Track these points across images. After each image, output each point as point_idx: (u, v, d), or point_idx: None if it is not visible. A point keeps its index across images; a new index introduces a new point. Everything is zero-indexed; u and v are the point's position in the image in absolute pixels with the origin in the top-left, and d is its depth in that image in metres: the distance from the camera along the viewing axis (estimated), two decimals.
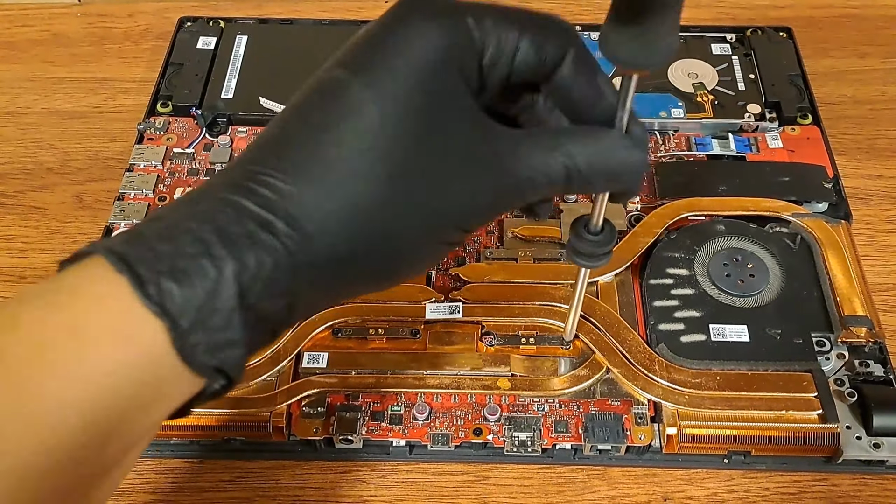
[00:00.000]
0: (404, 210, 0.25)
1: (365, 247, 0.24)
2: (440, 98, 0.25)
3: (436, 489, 0.37)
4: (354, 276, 0.26)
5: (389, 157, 0.24)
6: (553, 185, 0.26)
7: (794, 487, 0.37)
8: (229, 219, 0.23)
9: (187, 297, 0.22)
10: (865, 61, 0.55)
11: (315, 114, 0.25)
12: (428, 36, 0.25)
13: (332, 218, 0.24)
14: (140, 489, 0.37)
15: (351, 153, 0.24)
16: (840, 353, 0.39)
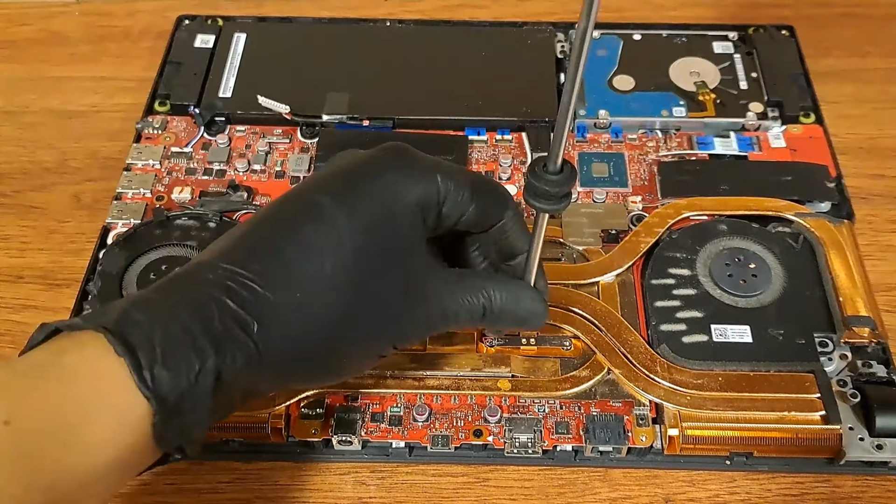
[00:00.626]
0: (355, 327, 0.29)
1: (318, 352, 0.29)
2: (402, 237, 0.30)
3: (436, 491, 0.37)
4: (304, 374, 0.30)
5: (353, 280, 0.28)
6: (472, 319, 0.32)
7: (797, 489, 0.37)
8: (213, 315, 0.27)
9: (174, 385, 0.26)
10: (868, 60, 0.55)
11: (295, 229, 0.28)
12: (404, 182, 0.30)
13: (295, 325, 0.28)
14: (138, 490, 0.37)
15: (322, 271, 0.28)
16: (843, 353, 0.38)
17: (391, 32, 0.54)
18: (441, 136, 0.48)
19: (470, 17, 0.57)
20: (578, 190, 0.45)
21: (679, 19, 0.56)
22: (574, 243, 0.43)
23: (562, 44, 0.53)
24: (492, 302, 0.32)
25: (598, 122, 0.48)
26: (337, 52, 0.52)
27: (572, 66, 0.27)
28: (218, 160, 0.47)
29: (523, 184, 0.30)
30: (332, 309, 0.28)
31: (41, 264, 0.45)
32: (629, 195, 0.45)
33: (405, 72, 0.51)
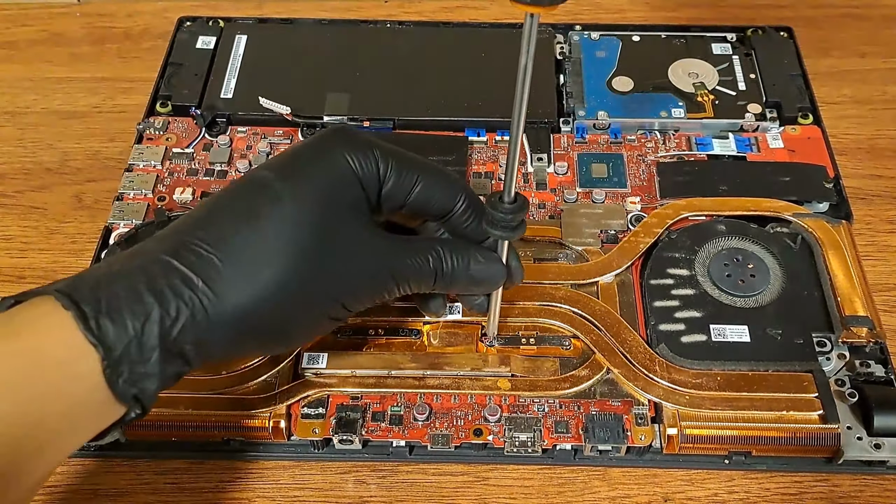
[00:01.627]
0: (300, 288, 0.30)
1: (265, 313, 0.30)
2: (343, 206, 0.32)
3: (436, 490, 0.37)
4: (254, 337, 0.31)
5: (296, 245, 0.30)
6: (423, 282, 0.34)
7: (795, 488, 0.37)
8: (158, 274, 0.29)
9: (119, 334, 0.27)
10: (866, 61, 0.55)
11: (242, 202, 0.31)
12: (340, 158, 0.32)
13: (241, 285, 0.29)
14: (140, 489, 0.37)
15: (267, 237, 0.30)
16: (841, 353, 0.39)
17: (391, 34, 0.54)
18: (441, 136, 0.48)
19: (470, 19, 0.57)
20: (578, 190, 0.46)
21: (678, 21, 0.56)
22: (573, 243, 0.43)
23: (561, 45, 0.53)
24: (443, 263, 0.34)
25: (597, 122, 0.48)
26: (337, 54, 0.52)
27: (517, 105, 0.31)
28: (219, 161, 0.47)
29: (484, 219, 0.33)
30: (277, 273, 0.30)
31: (42, 265, 0.45)
32: (628, 196, 0.45)
33: (405, 73, 0.51)
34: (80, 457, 0.38)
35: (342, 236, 0.31)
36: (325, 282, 0.31)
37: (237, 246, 0.30)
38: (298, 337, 0.34)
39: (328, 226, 0.31)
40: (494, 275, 0.35)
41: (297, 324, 0.32)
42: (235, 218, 0.30)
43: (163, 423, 0.37)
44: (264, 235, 0.30)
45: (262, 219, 0.30)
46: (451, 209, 0.35)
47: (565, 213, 0.44)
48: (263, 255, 0.30)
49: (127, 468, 0.37)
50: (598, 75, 0.50)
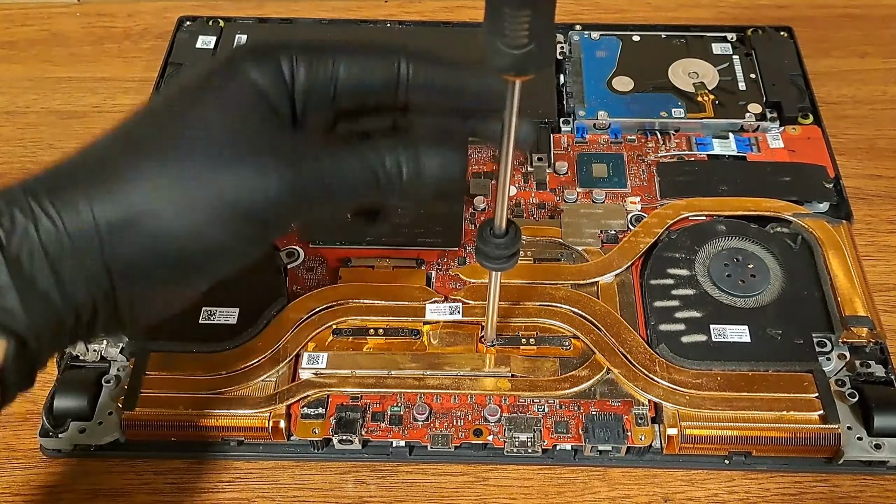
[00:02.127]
0: (196, 206, 0.27)
1: (168, 244, 0.27)
2: (247, 119, 0.28)
3: (436, 490, 0.37)
4: (169, 270, 0.28)
5: (199, 171, 0.27)
6: (362, 188, 0.29)
7: (795, 488, 0.37)
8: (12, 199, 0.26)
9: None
10: (866, 61, 0.55)
11: (134, 141, 0.27)
12: (241, 71, 0.28)
13: (145, 228, 0.26)
14: (139, 489, 0.37)
15: (164, 168, 0.27)
16: (841, 353, 0.39)
17: (391, 33, 0.54)
18: None
19: (470, 18, 0.57)
20: (578, 190, 0.45)
21: (678, 20, 0.56)
22: (573, 244, 0.43)
23: (561, 44, 0.53)
24: (385, 164, 0.28)
25: (597, 122, 0.48)
26: None
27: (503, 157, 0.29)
28: None
29: (475, 246, 0.32)
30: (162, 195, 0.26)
31: None
32: (628, 196, 0.45)
33: None
34: (80, 457, 0.38)
35: (250, 148, 0.27)
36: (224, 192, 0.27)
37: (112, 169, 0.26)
38: (214, 266, 0.29)
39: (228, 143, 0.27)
40: (452, 170, 0.29)
41: (209, 254, 0.28)
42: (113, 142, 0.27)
43: (162, 423, 0.37)
44: (162, 166, 0.27)
45: (157, 150, 0.27)
46: (395, 82, 0.29)
47: (565, 213, 0.44)
48: (164, 185, 0.26)
49: (126, 468, 0.37)
50: (599, 75, 0.50)
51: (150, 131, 0.28)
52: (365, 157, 0.28)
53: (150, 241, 0.27)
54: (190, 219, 0.27)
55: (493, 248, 0.32)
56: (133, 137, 0.28)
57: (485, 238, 0.32)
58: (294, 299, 0.40)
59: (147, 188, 0.26)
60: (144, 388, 0.37)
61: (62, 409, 0.37)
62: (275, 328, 0.39)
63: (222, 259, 0.29)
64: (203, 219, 0.27)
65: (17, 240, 0.26)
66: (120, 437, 0.37)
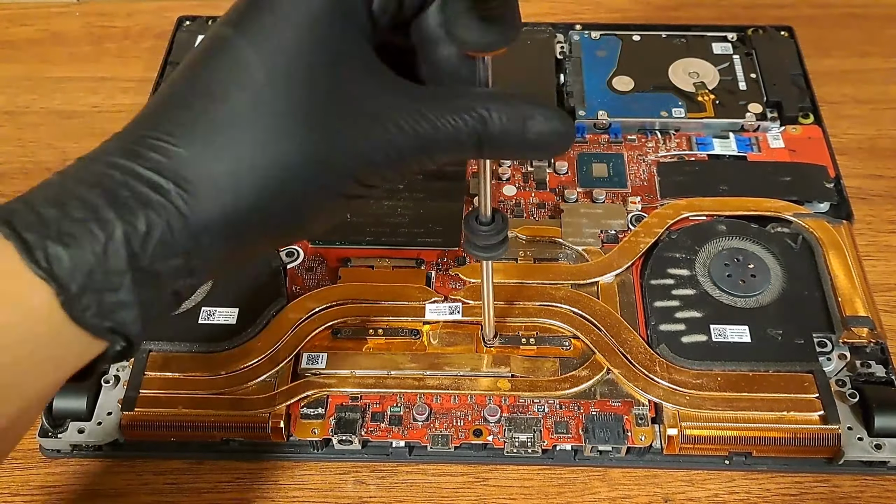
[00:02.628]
0: (296, 165, 0.24)
1: (259, 203, 0.24)
2: (330, 50, 0.24)
3: (435, 490, 0.37)
4: (253, 234, 0.25)
5: (278, 114, 0.24)
6: (462, 146, 0.26)
7: (796, 489, 0.37)
8: (118, 182, 0.23)
9: (76, 262, 0.22)
10: (867, 61, 0.55)
11: (202, 73, 0.24)
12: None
13: (222, 177, 0.24)
14: (139, 490, 0.37)
15: (238, 111, 0.24)
16: (841, 353, 0.39)
17: None
18: None
19: None
20: (578, 190, 0.45)
21: (678, 20, 0.56)
22: (573, 243, 0.43)
23: (561, 44, 0.53)
24: (487, 124, 0.25)
25: (597, 122, 0.48)
26: None
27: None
28: None
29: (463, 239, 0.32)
30: (259, 151, 0.24)
31: None
32: (628, 195, 0.45)
33: None
34: (79, 457, 0.38)
35: (340, 92, 0.24)
36: (327, 152, 0.24)
37: (207, 132, 0.24)
38: (307, 225, 0.27)
39: (317, 82, 0.24)
40: (561, 135, 0.26)
41: (301, 208, 0.25)
42: (200, 98, 0.24)
43: (162, 424, 0.37)
44: (236, 111, 0.24)
45: (231, 92, 0.24)
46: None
47: (565, 212, 0.44)
48: (240, 137, 0.24)
49: (126, 468, 0.37)
50: (599, 75, 0.50)
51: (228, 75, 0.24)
52: (470, 116, 0.25)
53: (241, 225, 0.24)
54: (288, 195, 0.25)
55: (482, 237, 0.32)
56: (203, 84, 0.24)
57: (472, 227, 0.32)
58: (294, 299, 0.40)
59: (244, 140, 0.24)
60: (144, 388, 0.37)
61: (61, 409, 0.37)
62: (274, 328, 0.39)
63: (315, 226, 0.27)
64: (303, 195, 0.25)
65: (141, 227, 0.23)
66: (119, 437, 0.37)
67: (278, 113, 0.24)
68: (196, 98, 0.24)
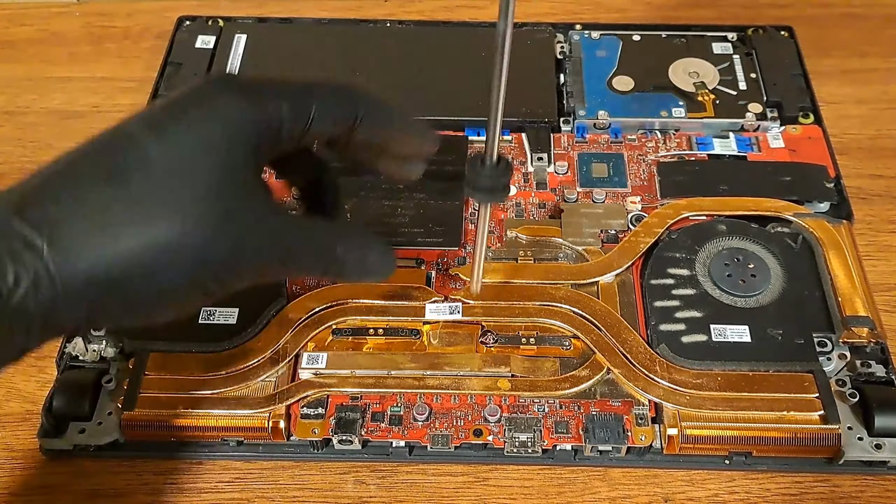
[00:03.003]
0: (170, 253, 0.26)
1: (123, 280, 0.26)
2: (228, 164, 0.27)
3: (436, 490, 0.37)
4: (110, 309, 0.27)
5: (166, 205, 0.26)
6: (312, 270, 0.31)
7: (796, 488, 0.37)
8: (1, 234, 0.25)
9: None
10: (867, 61, 0.55)
11: (103, 155, 0.27)
12: (226, 111, 0.27)
13: (99, 249, 0.25)
14: (139, 490, 0.37)
15: (128, 195, 0.26)
16: (841, 353, 0.39)
17: (391, 33, 0.54)
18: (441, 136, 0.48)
19: (470, 18, 0.57)
20: (578, 190, 0.45)
21: (678, 20, 0.56)
22: (573, 243, 0.43)
23: (561, 44, 0.53)
24: (338, 258, 0.30)
25: (597, 122, 0.48)
26: (337, 53, 0.52)
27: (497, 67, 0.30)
28: None
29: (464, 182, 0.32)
30: (140, 234, 0.26)
31: None
32: (628, 195, 0.45)
33: (405, 72, 0.51)
34: (79, 457, 0.37)
35: (226, 203, 0.27)
36: (204, 253, 0.27)
37: (94, 205, 0.26)
38: (161, 311, 0.28)
39: (209, 189, 0.27)
40: (383, 270, 0.31)
41: (160, 297, 0.27)
42: (94, 173, 0.26)
43: (162, 424, 0.37)
44: (126, 194, 0.26)
45: (125, 177, 0.26)
46: (353, 125, 0.30)
47: (565, 212, 0.44)
48: (127, 216, 0.26)
49: (126, 468, 0.37)
50: (599, 75, 0.50)
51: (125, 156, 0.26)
52: (321, 238, 0.30)
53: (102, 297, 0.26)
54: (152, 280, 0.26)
55: (486, 179, 0.31)
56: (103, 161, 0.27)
57: (476, 169, 0.31)
58: (294, 299, 0.40)
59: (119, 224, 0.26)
60: (144, 388, 0.37)
61: (62, 409, 0.37)
62: (274, 328, 0.39)
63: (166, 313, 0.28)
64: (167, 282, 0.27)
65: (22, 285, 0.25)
66: (119, 437, 0.37)
67: (167, 207, 0.26)
68: (93, 174, 0.26)
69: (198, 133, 0.27)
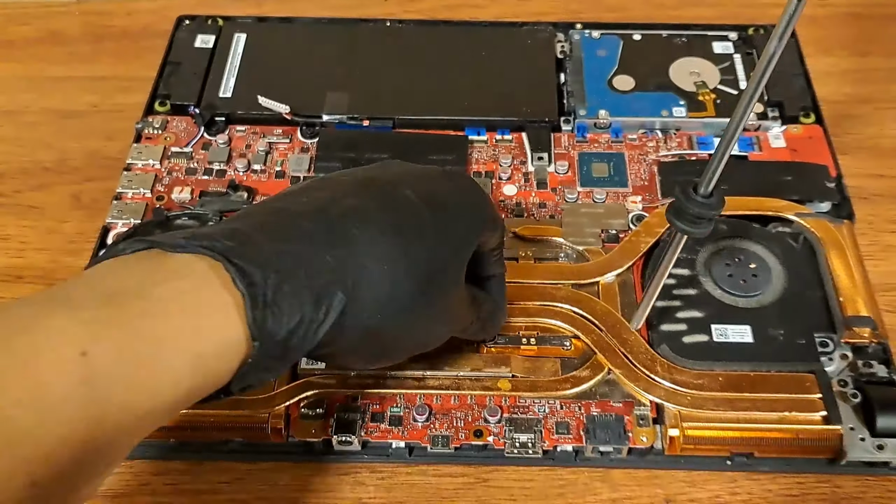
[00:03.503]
0: (414, 318, 0.30)
1: (387, 330, 0.29)
2: (462, 254, 0.32)
3: (436, 491, 0.37)
4: (370, 351, 0.31)
5: (424, 277, 0.29)
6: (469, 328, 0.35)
7: (798, 489, 0.37)
8: (316, 267, 0.27)
9: (274, 330, 0.25)
10: (868, 60, 0.55)
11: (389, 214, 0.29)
12: (476, 223, 0.32)
13: (378, 297, 0.28)
14: (138, 490, 0.37)
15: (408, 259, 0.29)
16: (843, 353, 0.38)
17: (391, 32, 0.54)
18: (441, 136, 0.48)
19: (470, 17, 0.57)
20: (579, 189, 0.45)
21: (679, 19, 0.56)
22: (574, 243, 0.43)
23: (562, 44, 0.52)
24: (490, 318, 0.36)
25: (598, 122, 0.48)
26: (337, 52, 0.52)
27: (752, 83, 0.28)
28: (218, 160, 0.47)
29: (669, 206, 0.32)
30: (407, 296, 0.29)
31: (41, 264, 0.45)
32: (629, 195, 0.45)
33: (405, 72, 0.51)
34: None
35: (451, 281, 0.31)
36: (430, 317, 0.31)
37: (382, 257, 0.28)
38: (397, 357, 0.33)
39: (448, 268, 0.31)
40: (500, 328, 0.38)
41: (404, 345, 0.32)
42: (381, 227, 0.29)
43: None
44: (407, 258, 0.29)
45: (406, 242, 0.29)
46: (494, 248, 0.35)
47: (566, 212, 0.44)
48: (400, 275, 0.29)
49: (125, 469, 0.37)
50: (599, 74, 0.50)
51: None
52: (483, 306, 0.35)
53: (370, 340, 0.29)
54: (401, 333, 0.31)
55: (696, 207, 0.30)
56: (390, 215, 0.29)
57: (687, 193, 0.30)
58: None
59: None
60: None
61: None
62: None
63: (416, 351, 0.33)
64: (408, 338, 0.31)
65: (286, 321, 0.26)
66: None
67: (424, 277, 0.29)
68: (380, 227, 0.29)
69: (460, 226, 0.32)
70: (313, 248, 0.27)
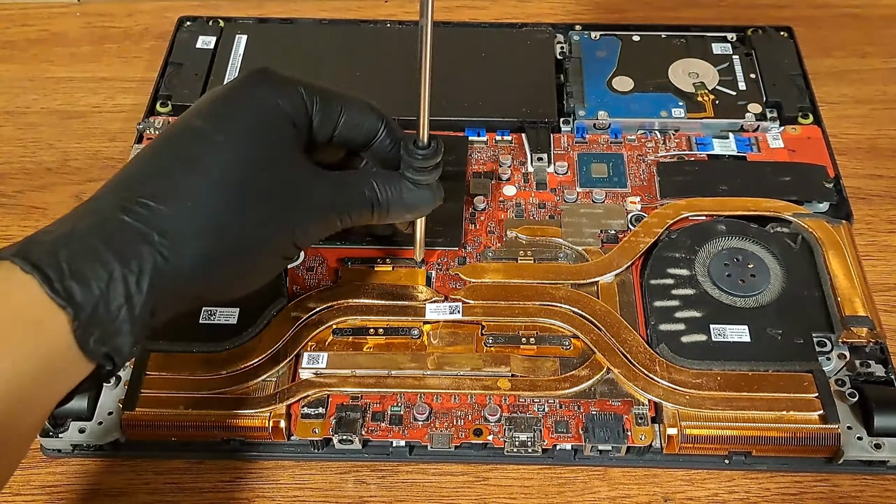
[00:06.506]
0: (254, 229, 0.32)
1: (220, 255, 0.31)
2: (279, 145, 0.33)
3: (436, 490, 0.37)
4: (215, 283, 0.32)
5: (239, 186, 0.31)
6: (363, 214, 0.35)
7: (795, 488, 0.37)
8: (113, 231, 0.29)
9: (86, 295, 0.27)
10: (866, 61, 0.55)
11: (177, 151, 0.31)
12: (268, 98, 0.33)
13: (196, 231, 0.30)
14: (140, 489, 0.37)
15: (208, 180, 0.30)
16: (841, 353, 0.39)
17: (391, 33, 0.54)
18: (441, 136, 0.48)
19: (470, 18, 0.57)
20: (578, 190, 0.45)
21: (678, 20, 0.56)
22: (573, 243, 0.43)
23: (561, 44, 0.53)
24: (377, 194, 0.35)
25: (597, 122, 0.48)
26: (337, 53, 0.52)
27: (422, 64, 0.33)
28: None
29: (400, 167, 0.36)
30: (225, 211, 0.30)
31: None
32: (628, 195, 0.45)
33: (405, 72, 0.51)
34: (80, 457, 0.38)
35: (284, 175, 0.32)
36: (276, 220, 0.32)
37: (185, 195, 0.30)
38: (256, 279, 0.34)
39: (269, 166, 0.32)
40: (425, 201, 0.37)
41: (254, 265, 0.33)
42: (178, 167, 0.31)
43: (163, 423, 0.37)
44: (207, 179, 0.30)
45: (204, 165, 0.31)
46: (375, 135, 0.36)
47: (565, 212, 0.44)
48: (213, 201, 0.30)
49: (126, 468, 0.37)
50: (599, 75, 0.50)
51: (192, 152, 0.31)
52: (365, 189, 0.35)
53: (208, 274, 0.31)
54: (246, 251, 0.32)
55: (417, 159, 0.35)
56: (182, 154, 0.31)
57: (408, 148, 0.35)
58: (294, 299, 0.40)
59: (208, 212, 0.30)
60: (145, 388, 0.37)
61: (62, 409, 0.37)
62: (275, 328, 0.39)
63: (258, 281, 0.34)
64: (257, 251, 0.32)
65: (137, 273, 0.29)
66: (120, 437, 0.37)
67: (244, 187, 0.31)
68: (176, 169, 0.31)
69: (249, 123, 0.32)
70: (111, 215, 0.29)
